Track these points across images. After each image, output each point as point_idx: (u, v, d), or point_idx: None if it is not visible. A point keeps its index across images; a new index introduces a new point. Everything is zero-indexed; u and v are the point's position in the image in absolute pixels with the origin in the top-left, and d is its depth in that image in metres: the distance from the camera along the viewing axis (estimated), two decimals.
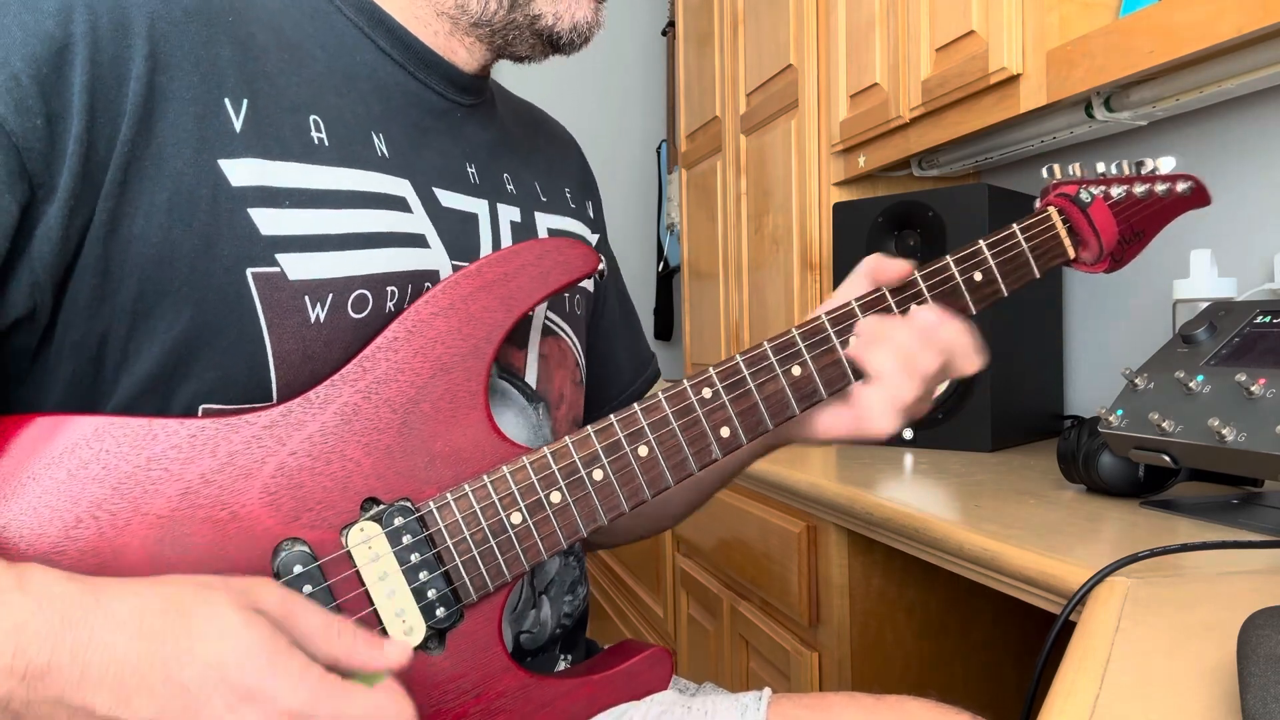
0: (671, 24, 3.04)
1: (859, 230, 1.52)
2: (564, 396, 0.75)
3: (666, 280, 3.39)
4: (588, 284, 0.84)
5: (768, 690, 0.69)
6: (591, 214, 0.89)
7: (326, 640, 0.50)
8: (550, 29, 0.70)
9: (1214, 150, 1.31)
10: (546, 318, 0.76)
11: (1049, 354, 1.57)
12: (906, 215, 1.47)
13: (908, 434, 1.45)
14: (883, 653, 1.24)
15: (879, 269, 0.72)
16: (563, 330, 0.77)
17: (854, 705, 0.67)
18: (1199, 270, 1.11)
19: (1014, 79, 1.26)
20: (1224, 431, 0.79)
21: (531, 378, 0.73)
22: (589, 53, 0.75)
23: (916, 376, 0.68)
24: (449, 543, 0.60)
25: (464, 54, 0.71)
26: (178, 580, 0.49)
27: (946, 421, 1.42)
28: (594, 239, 0.89)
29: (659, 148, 3.50)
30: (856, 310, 0.70)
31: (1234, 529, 0.82)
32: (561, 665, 0.78)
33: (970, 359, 0.71)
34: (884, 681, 1.23)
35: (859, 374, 0.70)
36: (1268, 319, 0.88)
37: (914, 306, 0.71)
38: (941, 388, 1.42)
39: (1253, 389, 0.80)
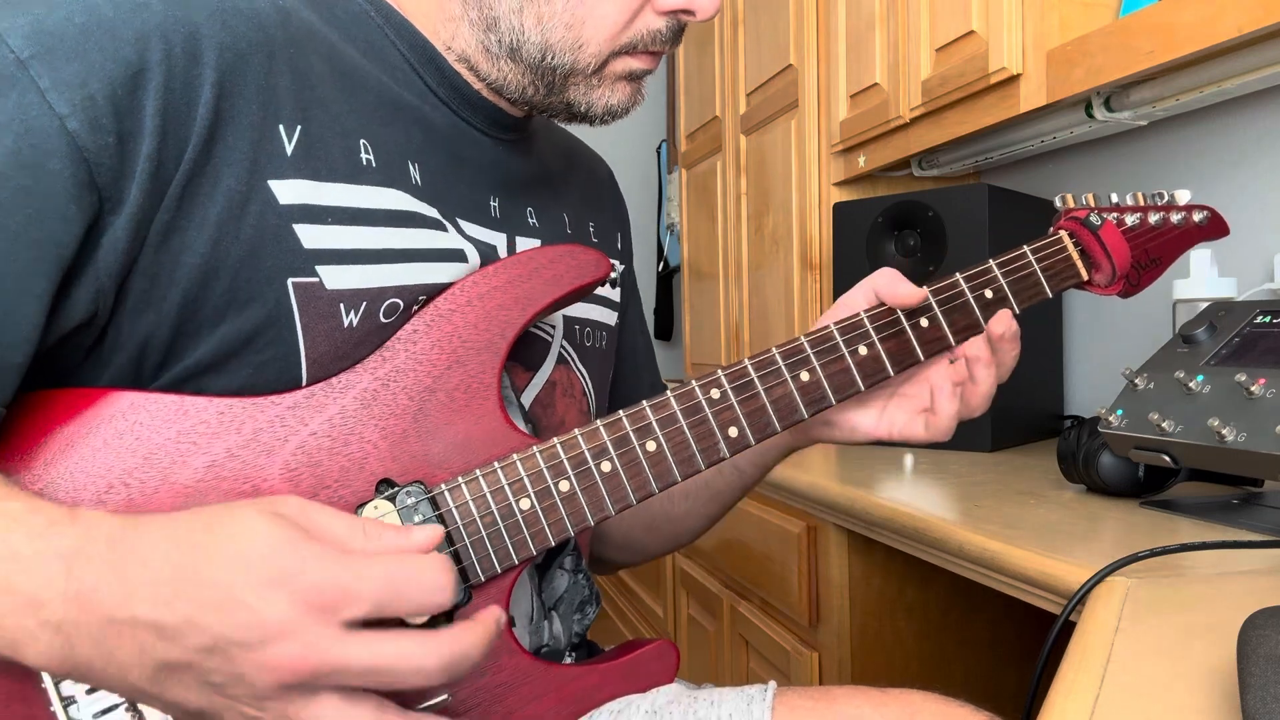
0: None
1: (859, 230, 1.52)
2: (565, 424, 0.76)
3: (666, 280, 3.39)
4: (609, 318, 0.85)
5: (773, 683, 0.69)
6: (620, 245, 0.92)
7: (352, 539, 0.51)
8: (584, 113, 0.73)
9: (1214, 150, 1.31)
10: (561, 346, 0.78)
11: (1049, 354, 1.57)
12: (906, 215, 1.47)
13: None
14: (883, 653, 1.24)
15: (892, 291, 0.73)
16: (572, 360, 0.79)
17: (859, 698, 0.67)
18: (1199, 270, 1.11)
19: (1014, 79, 1.26)
20: (1224, 431, 0.79)
21: (528, 399, 0.74)
22: None
23: (985, 394, 0.74)
24: (459, 523, 0.62)
25: (506, 105, 0.75)
26: (207, 506, 0.52)
27: None
28: (621, 270, 0.90)
29: (659, 148, 3.50)
30: (865, 321, 0.73)
31: (1234, 529, 0.82)
32: (568, 659, 0.78)
33: (1005, 370, 0.76)
34: (884, 681, 1.22)
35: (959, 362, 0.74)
36: (1268, 319, 0.88)
37: (1003, 313, 0.74)
38: None
39: (1253, 389, 0.80)
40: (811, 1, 1.84)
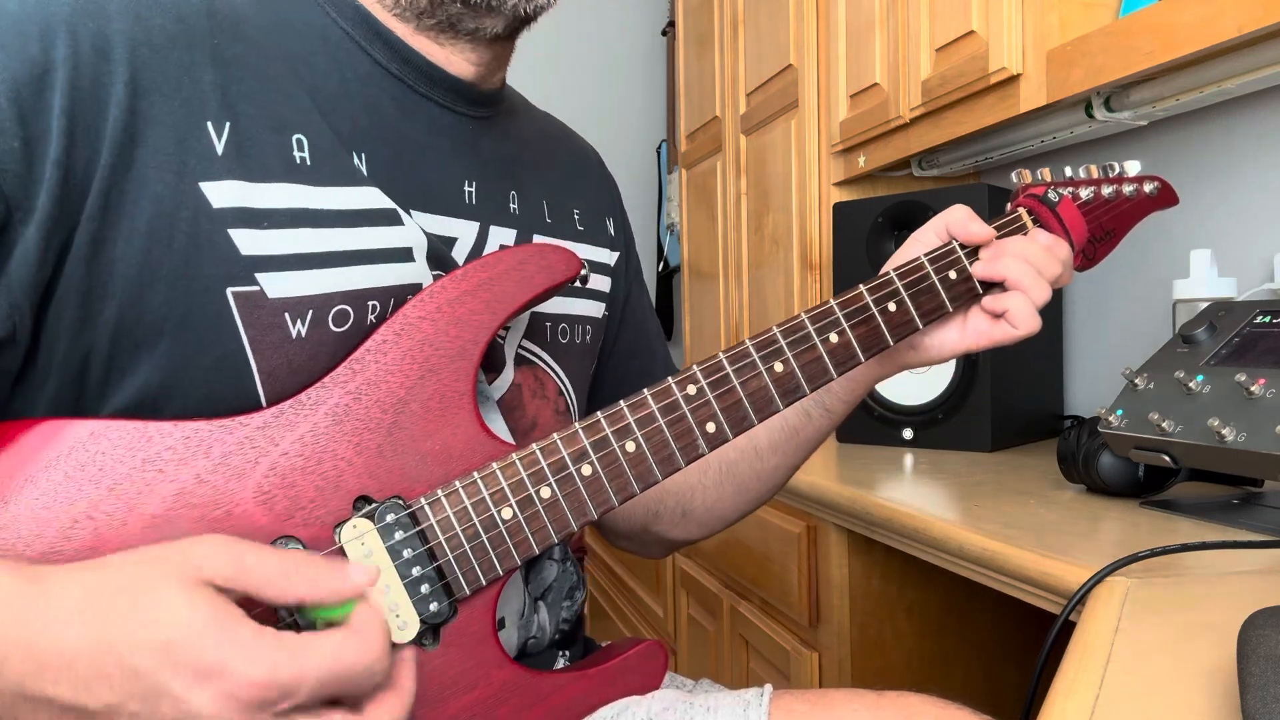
0: (671, 24, 3.04)
1: (859, 230, 1.52)
2: (537, 425, 0.75)
3: (666, 280, 3.39)
4: (595, 310, 0.83)
5: (769, 686, 0.69)
6: (612, 231, 0.89)
7: (287, 580, 0.49)
8: None
9: (1214, 150, 1.31)
10: (521, 346, 0.75)
11: (1049, 354, 1.57)
12: (906, 215, 1.47)
13: (908, 434, 1.45)
14: (883, 653, 1.24)
15: (965, 229, 0.76)
16: (540, 359, 0.77)
17: (856, 701, 0.67)
18: (1199, 270, 1.11)
19: (1014, 79, 1.26)
20: (1224, 431, 0.79)
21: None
22: (588, 53, 0.75)
23: (1044, 279, 0.75)
24: (441, 538, 0.61)
25: (453, 60, 0.70)
26: (121, 560, 0.48)
27: (946, 421, 1.42)
28: (613, 257, 0.88)
29: (659, 148, 3.50)
30: (835, 308, 0.72)
31: (1234, 529, 0.82)
32: (561, 662, 0.78)
33: (1070, 269, 0.79)
34: (884, 681, 1.23)
35: (988, 288, 0.76)
36: (1268, 319, 0.88)
37: (1033, 228, 0.78)
38: (948, 379, 1.43)
39: (1253, 389, 0.80)
40: (811, 1, 1.84)
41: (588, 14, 3.48)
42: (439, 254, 0.68)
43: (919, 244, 0.78)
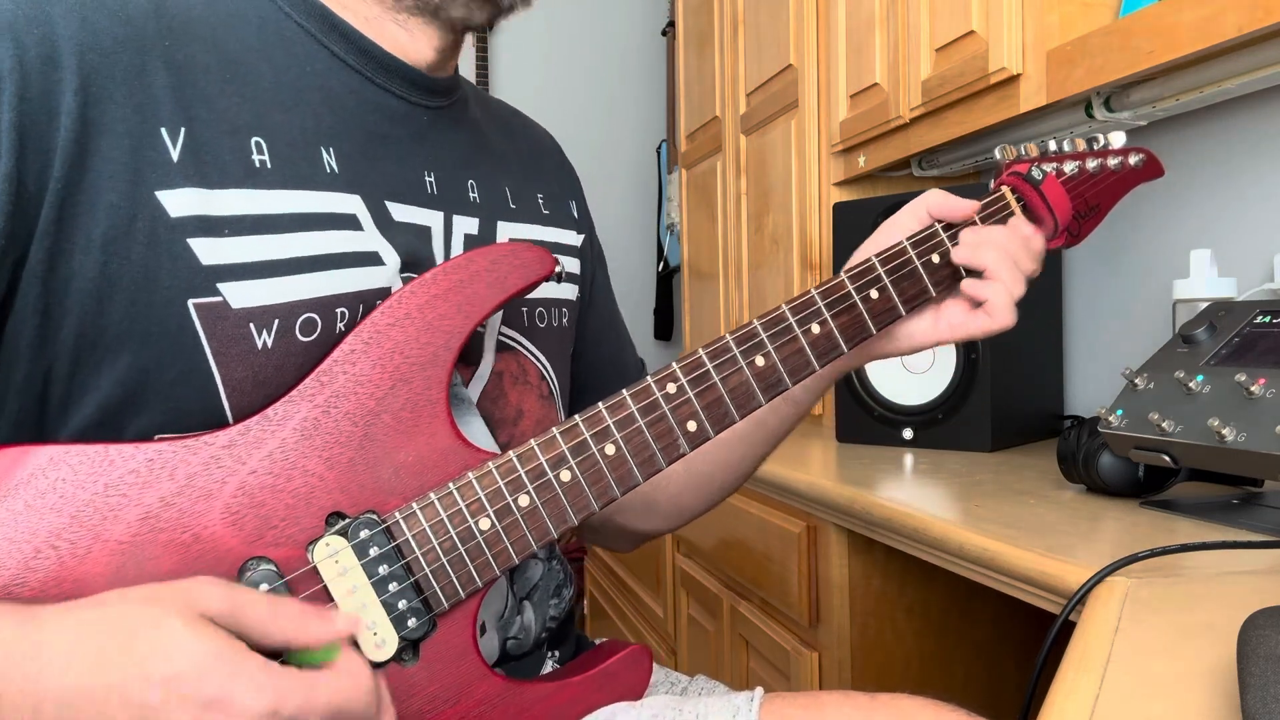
0: (671, 24, 3.04)
1: (859, 230, 1.51)
2: (523, 412, 0.74)
3: (666, 280, 3.39)
4: (570, 293, 0.82)
5: (759, 690, 0.68)
6: (576, 214, 0.88)
7: (276, 623, 0.49)
8: None
9: (1214, 150, 1.31)
10: (501, 332, 0.74)
11: (1049, 354, 1.57)
12: None
13: (908, 434, 1.45)
14: (883, 653, 1.24)
15: (948, 207, 0.76)
16: (520, 345, 0.76)
17: (848, 704, 0.66)
18: (1199, 270, 1.11)
19: (1014, 79, 1.26)
20: (1224, 431, 0.79)
21: (474, 394, 0.72)
22: (588, 53, 0.75)
23: (1021, 273, 0.74)
24: (417, 553, 0.59)
25: (417, 44, 0.69)
26: (118, 598, 0.48)
27: (946, 421, 1.42)
28: (579, 240, 0.87)
29: (659, 148, 3.50)
30: (816, 297, 0.71)
31: (1234, 529, 0.82)
32: (549, 663, 0.78)
33: (1041, 264, 0.77)
34: (884, 681, 1.23)
35: (971, 273, 0.75)
36: (1268, 319, 0.88)
37: (1013, 219, 0.76)
38: (948, 379, 1.42)
39: (1253, 389, 0.80)
40: (811, 1, 1.84)
41: (588, 14, 3.48)
42: (411, 252, 0.67)
43: (897, 228, 0.77)
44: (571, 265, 0.84)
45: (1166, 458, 0.86)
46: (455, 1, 0.67)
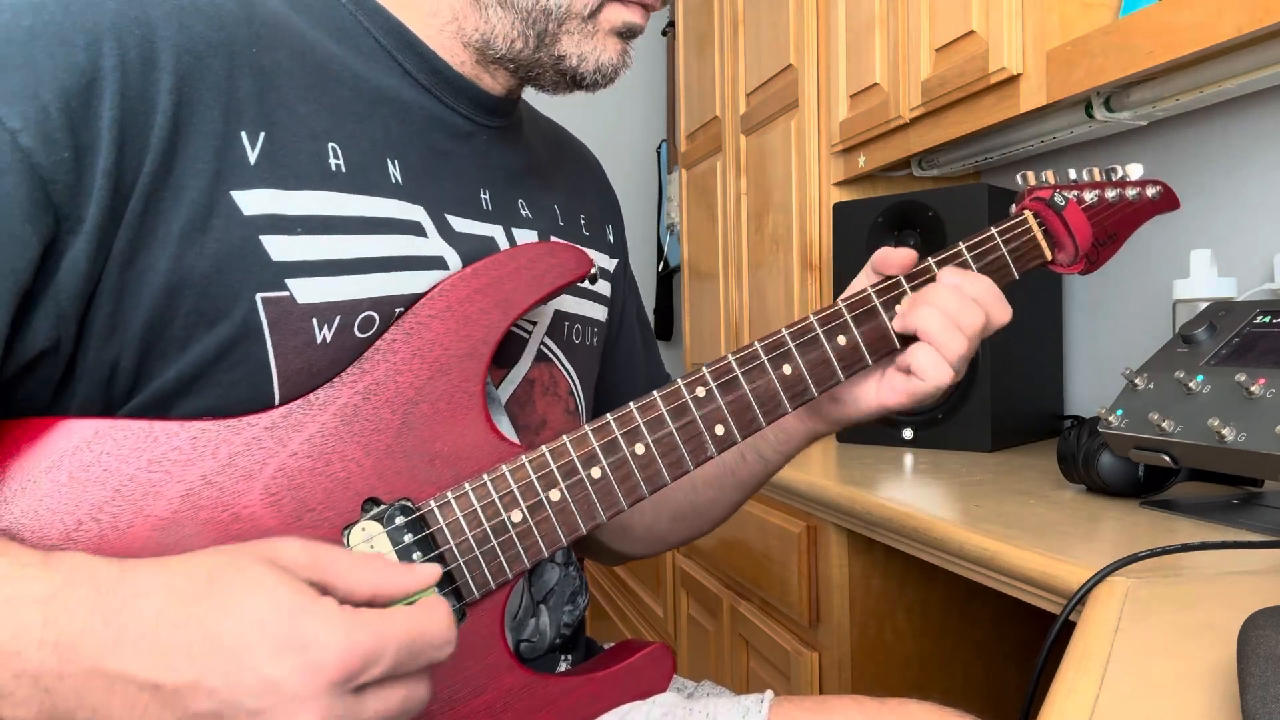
0: (671, 24, 3.04)
1: (859, 230, 1.52)
2: (547, 423, 0.75)
3: (666, 280, 3.39)
4: (599, 314, 0.84)
5: (770, 693, 0.68)
6: (611, 239, 0.89)
7: (361, 575, 0.50)
8: (574, 70, 0.70)
9: (1214, 150, 1.31)
10: (542, 343, 0.75)
11: (1049, 354, 1.57)
12: (906, 215, 1.47)
13: (908, 434, 1.45)
14: (883, 653, 1.24)
15: (884, 259, 0.75)
16: (556, 357, 0.77)
17: (856, 708, 0.66)
18: (1199, 270, 1.11)
19: (1014, 79, 1.26)
20: (1224, 431, 0.79)
21: (505, 395, 0.73)
22: None
23: (962, 331, 0.71)
24: (450, 542, 0.60)
25: (490, 80, 0.72)
26: (202, 553, 0.49)
27: (946, 421, 1.42)
28: (613, 264, 0.88)
29: (659, 148, 3.50)
30: (842, 309, 0.72)
31: (1234, 529, 0.82)
32: (563, 666, 0.78)
33: (1004, 308, 0.74)
34: (884, 681, 1.23)
35: (906, 341, 0.73)
36: (1268, 319, 0.88)
37: (940, 270, 0.74)
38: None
39: (1253, 389, 0.80)
40: (811, 1, 1.84)
41: None
42: (478, 257, 0.68)
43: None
44: (604, 288, 0.86)
45: (1166, 458, 0.86)
46: (546, 79, 0.72)
